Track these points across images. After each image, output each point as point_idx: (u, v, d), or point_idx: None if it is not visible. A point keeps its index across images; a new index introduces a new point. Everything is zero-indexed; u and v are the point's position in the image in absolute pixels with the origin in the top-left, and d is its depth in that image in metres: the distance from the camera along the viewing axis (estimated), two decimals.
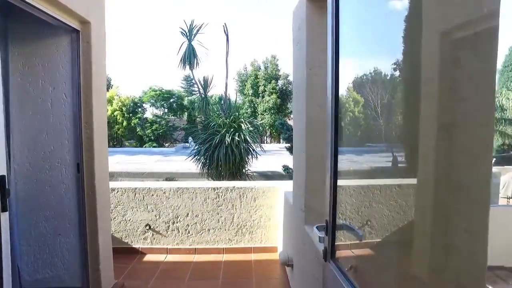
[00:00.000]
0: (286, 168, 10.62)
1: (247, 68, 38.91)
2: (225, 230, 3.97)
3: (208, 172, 9.38)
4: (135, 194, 3.89)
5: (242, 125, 8.65)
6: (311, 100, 2.33)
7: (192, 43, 14.24)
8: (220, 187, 3.94)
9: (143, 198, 3.90)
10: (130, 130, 32.86)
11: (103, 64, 2.88)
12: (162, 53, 75.47)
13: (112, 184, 3.89)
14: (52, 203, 2.73)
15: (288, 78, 37.85)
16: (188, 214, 3.93)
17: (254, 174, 10.06)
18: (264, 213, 3.98)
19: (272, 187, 3.96)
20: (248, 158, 9.14)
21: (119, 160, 16.81)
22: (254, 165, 10.04)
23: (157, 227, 3.94)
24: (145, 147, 30.63)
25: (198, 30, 13.94)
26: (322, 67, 2.33)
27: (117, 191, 3.88)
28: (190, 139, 25.02)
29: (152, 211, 3.91)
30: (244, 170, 9.26)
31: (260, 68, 38.01)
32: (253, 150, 9.18)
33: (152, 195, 3.90)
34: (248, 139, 8.72)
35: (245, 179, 9.28)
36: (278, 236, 3.97)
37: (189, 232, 3.95)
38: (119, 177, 12.39)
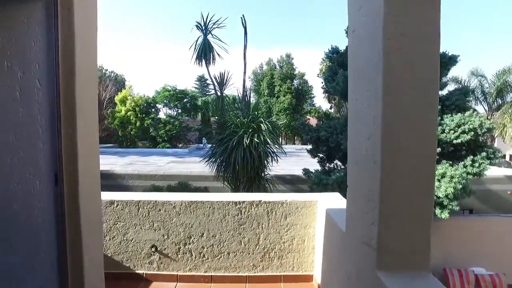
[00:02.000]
0: (307, 171, 9.78)
1: (263, 67, 38.20)
2: (249, 254, 3.20)
3: (224, 175, 8.64)
4: (139, 208, 3.17)
5: (261, 125, 7.84)
6: (391, 87, 1.53)
7: (208, 37, 13.57)
8: (244, 201, 3.16)
9: (148, 213, 3.17)
10: (143, 131, 32.65)
11: (92, 40, 2.16)
12: (176, 52, 75.63)
13: (111, 196, 3.19)
14: (21, 227, 2.03)
15: (304, 78, 36.90)
16: (203, 234, 3.18)
17: (273, 178, 9.28)
18: (297, 233, 3.19)
19: (308, 201, 3.16)
20: (267, 161, 8.34)
21: (131, 161, 16.33)
22: (271, 168, 9.28)
23: (165, 249, 3.20)
24: (159, 148, 30.23)
25: (214, 24, 13.26)
26: (409, 35, 1.53)
27: (117, 205, 3.16)
28: (204, 140, 24.49)
29: (159, 229, 3.18)
30: (263, 174, 8.46)
31: (275, 67, 37.25)
32: (273, 152, 8.37)
33: (159, 210, 3.17)
34: (269, 140, 7.91)
35: (264, 184, 8.52)
36: (315, 262, 3.18)
37: (204, 255, 3.20)
38: (130, 180, 11.88)
